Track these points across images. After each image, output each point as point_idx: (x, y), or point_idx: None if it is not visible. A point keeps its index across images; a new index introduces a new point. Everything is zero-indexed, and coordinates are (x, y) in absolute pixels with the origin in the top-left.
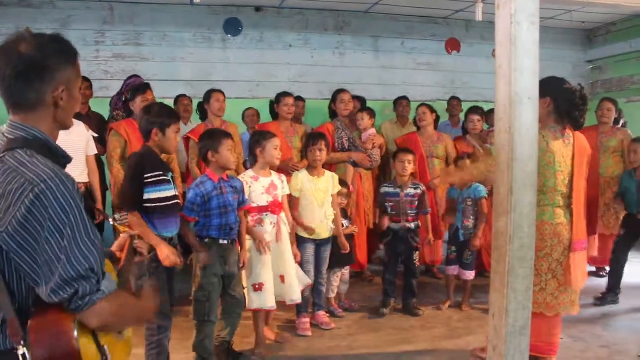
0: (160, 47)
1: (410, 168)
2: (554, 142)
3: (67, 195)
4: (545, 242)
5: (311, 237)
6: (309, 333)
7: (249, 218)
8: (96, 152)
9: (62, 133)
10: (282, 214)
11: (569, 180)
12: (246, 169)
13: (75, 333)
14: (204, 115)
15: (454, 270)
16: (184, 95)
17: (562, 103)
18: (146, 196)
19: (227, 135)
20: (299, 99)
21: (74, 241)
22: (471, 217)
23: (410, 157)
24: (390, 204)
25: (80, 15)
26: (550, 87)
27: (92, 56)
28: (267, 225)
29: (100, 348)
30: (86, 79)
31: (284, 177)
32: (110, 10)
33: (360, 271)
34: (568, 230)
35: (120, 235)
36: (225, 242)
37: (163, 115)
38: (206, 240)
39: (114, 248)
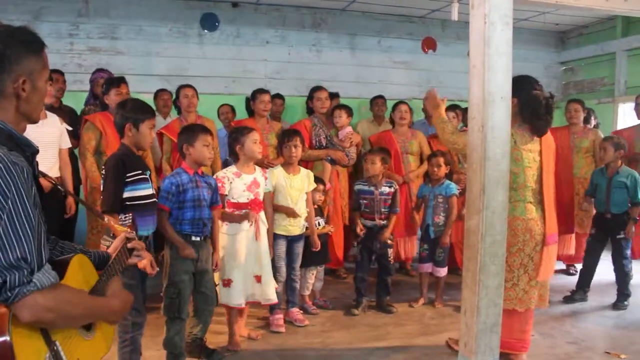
0: (135, 41)
1: (374, 168)
2: (521, 138)
3: (9, 181)
4: (517, 237)
5: (283, 233)
6: (283, 329)
7: (227, 210)
8: (70, 145)
9: (35, 125)
10: (261, 213)
11: (538, 175)
12: (224, 167)
13: (9, 325)
14: (179, 111)
15: (427, 267)
16: (164, 90)
17: (525, 109)
18: (125, 195)
19: (206, 131)
20: (278, 96)
21: (10, 228)
22: (442, 214)
23: (376, 157)
24: (365, 201)
25: (54, 7)
26: (519, 88)
27: (65, 49)
28: (245, 223)
29: (49, 343)
30: (60, 72)
31: (267, 174)
32: (84, 3)
33: (336, 268)
34: (539, 226)
35: (119, 236)
36: (198, 238)
37: (137, 111)
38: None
39: (110, 250)
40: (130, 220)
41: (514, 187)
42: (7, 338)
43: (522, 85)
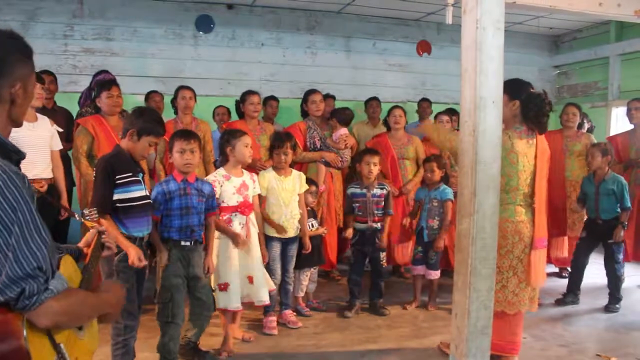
0: (130, 42)
1: (375, 170)
2: (518, 142)
3: (15, 192)
4: (507, 239)
5: (278, 235)
6: (275, 332)
7: (218, 217)
8: (61, 147)
9: (27, 128)
10: (252, 215)
11: (530, 179)
12: (216, 168)
13: (25, 332)
14: (176, 112)
15: (420, 270)
16: (155, 92)
17: (530, 108)
18: (116, 197)
19: (181, 137)
20: (272, 98)
21: (22, 239)
22: (436, 217)
23: (375, 159)
24: (357, 204)
25: (49, 7)
26: (519, 91)
27: (60, 50)
28: (235, 225)
29: (55, 346)
30: (50, 73)
31: (255, 177)
32: (79, 4)
33: (329, 270)
34: (529, 228)
35: (89, 231)
36: (187, 243)
37: (148, 122)
38: (168, 242)
39: (81, 244)
40: (96, 216)
41: (506, 190)
42: (24, 345)
43: (520, 87)
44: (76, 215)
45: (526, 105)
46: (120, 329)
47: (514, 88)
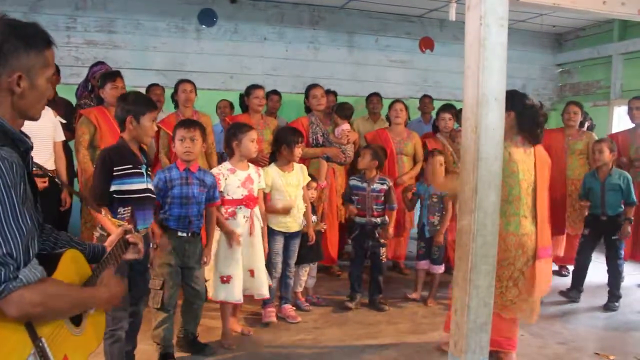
0: (133, 35)
1: (363, 162)
2: (515, 150)
3: None
4: (510, 252)
5: (281, 230)
6: (274, 319)
7: (222, 210)
8: (64, 138)
9: None
10: (256, 209)
11: (532, 189)
12: (220, 161)
13: None
14: (177, 105)
15: (424, 265)
16: (156, 85)
17: (526, 119)
18: (113, 188)
19: (183, 125)
20: (274, 92)
21: None
22: (437, 213)
23: (366, 151)
24: (357, 197)
25: None
26: (514, 102)
27: (62, 42)
28: (240, 218)
29: (35, 339)
30: None
31: (261, 171)
32: None
33: (329, 266)
34: (532, 240)
35: (117, 230)
36: (184, 234)
37: (138, 104)
38: (165, 231)
39: (107, 243)
40: (128, 215)
41: (509, 200)
42: None
43: (516, 98)
44: (103, 212)
45: (521, 116)
46: (109, 320)
47: (508, 99)
